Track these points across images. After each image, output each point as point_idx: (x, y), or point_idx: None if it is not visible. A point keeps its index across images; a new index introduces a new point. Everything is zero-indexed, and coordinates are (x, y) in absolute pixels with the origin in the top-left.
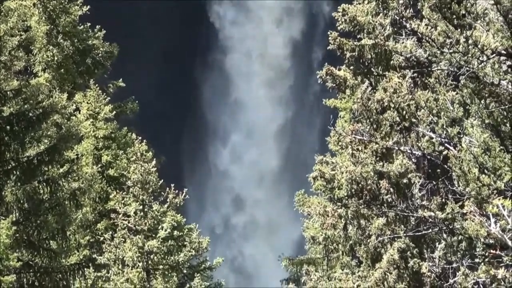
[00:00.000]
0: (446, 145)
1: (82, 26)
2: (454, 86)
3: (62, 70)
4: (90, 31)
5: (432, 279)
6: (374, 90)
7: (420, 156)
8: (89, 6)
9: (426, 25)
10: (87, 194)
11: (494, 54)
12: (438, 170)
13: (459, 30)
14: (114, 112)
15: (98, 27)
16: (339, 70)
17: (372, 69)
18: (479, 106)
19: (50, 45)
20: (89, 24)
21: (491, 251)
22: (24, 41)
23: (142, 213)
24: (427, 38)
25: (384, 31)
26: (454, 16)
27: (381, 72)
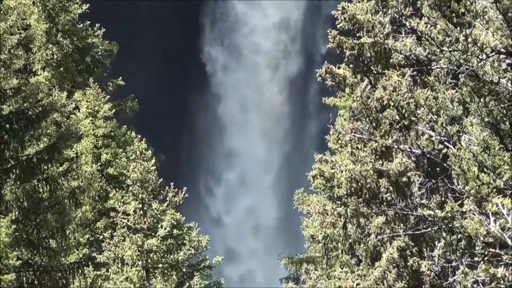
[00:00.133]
0: (446, 143)
1: (81, 25)
2: (453, 84)
3: (62, 69)
4: (90, 30)
5: (431, 278)
6: (374, 89)
7: (419, 154)
8: (88, 5)
9: (425, 23)
10: (87, 192)
11: (494, 53)
12: (438, 169)
13: (459, 28)
14: (114, 110)
15: (97, 25)
16: (339, 68)
17: (371, 67)
18: (479, 105)
19: (49, 43)
20: (88, 22)
21: (491, 250)
22: (23, 39)
23: (141, 211)
24: (427, 37)
25: (383, 29)
26: (454, 14)
27: (380, 70)
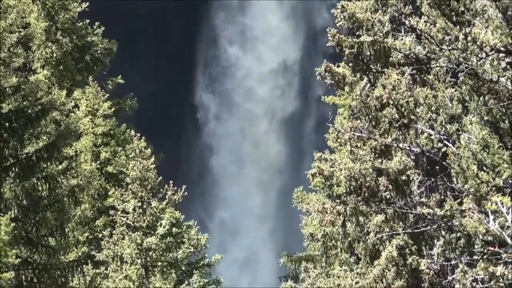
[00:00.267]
0: (445, 142)
1: (81, 23)
2: (453, 83)
3: (61, 67)
4: (89, 28)
5: (430, 276)
6: (373, 87)
7: (419, 153)
8: (88, 3)
9: (425, 22)
10: (86, 191)
11: (493, 51)
12: (437, 167)
13: (458, 27)
14: (113, 109)
15: (97, 24)
16: (338, 67)
17: (371, 66)
18: (478, 103)
19: (49, 41)
20: (88, 21)
21: (490, 248)
22: (23, 37)
23: (140, 210)
24: (426, 35)
25: (383, 28)
26: (453, 13)
27: (380, 69)
